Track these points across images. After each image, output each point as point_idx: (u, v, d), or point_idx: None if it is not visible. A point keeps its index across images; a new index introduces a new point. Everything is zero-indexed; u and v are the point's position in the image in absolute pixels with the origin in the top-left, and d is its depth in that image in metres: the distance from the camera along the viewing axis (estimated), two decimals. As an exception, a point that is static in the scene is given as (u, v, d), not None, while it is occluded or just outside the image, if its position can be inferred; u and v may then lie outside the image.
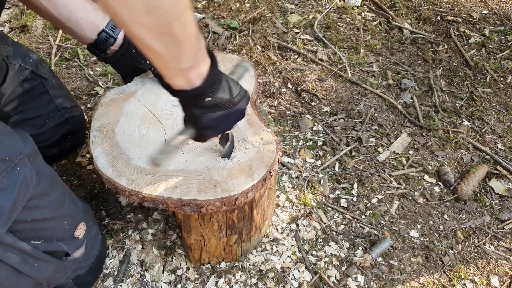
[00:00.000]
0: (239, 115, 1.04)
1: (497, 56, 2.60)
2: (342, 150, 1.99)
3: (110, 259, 1.53)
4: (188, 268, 1.53)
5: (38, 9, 1.27)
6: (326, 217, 1.73)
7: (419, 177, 1.91)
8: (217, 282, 1.50)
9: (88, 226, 1.29)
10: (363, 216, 1.75)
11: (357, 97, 2.28)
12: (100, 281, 1.48)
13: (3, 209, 0.95)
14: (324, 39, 2.62)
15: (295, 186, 1.83)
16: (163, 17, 0.72)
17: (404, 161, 1.98)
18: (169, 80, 0.89)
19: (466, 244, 1.69)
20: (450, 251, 1.66)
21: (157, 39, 0.76)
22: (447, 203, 1.83)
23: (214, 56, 0.92)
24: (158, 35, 0.76)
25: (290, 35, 2.64)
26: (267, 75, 2.36)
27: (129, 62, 1.40)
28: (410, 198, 1.83)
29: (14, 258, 1.02)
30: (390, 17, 2.83)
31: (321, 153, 1.98)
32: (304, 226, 1.69)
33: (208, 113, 0.97)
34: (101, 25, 1.31)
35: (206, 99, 0.94)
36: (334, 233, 1.68)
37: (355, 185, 1.86)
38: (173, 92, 0.93)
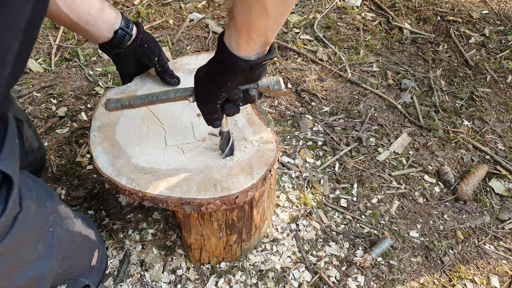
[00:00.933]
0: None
1: (497, 56, 2.60)
2: (342, 150, 1.99)
3: (110, 259, 1.53)
4: (188, 268, 1.53)
5: (56, 16, 1.24)
6: (326, 217, 1.73)
7: (419, 177, 1.91)
8: (217, 282, 1.50)
9: (100, 250, 1.30)
10: (363, 216, 1.75)
11: (357, 97, 2.28)
12: (100, 281, 1.48)
13: (44, 276, 0.95)
14: (324, 39, 2.62)
15: (295, 186, 1.83)
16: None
17: (404, 161, 1.98)
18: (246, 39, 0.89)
19: (466, 244, 1.69)
20: (450, 251, 1.66)
21: (278, 22, 0.85)
22: (447, 203, 1.82)
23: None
24: (282, 17, 0.84)
25: (290, 35, 2.65)
26: (267, 75, 2.36)
27: (138, 57, 1.39)
28: (410, 198, 1.83)
29: None
30: (390, 17, 2.83)
31: (321, 153, 1.98)
32: (304, 226, 1.69)
33: (248, 83, 1.00)
34: (116, 23, 1.30)
35: (260, 69, 0.96)
36: (334, 233, 1.68)
37: (355, 185, 1.85)
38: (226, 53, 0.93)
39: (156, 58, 1.38)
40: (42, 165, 1.57)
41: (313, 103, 2.23)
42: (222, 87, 0.99)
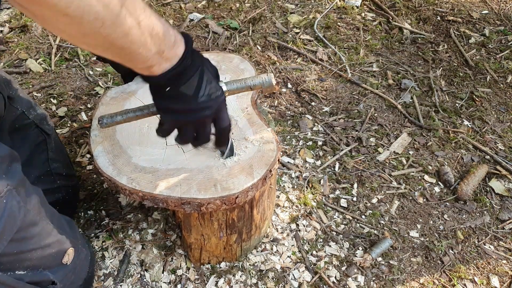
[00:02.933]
0: (201, 116, 0.97)
1: (497, 56, 2.61)
2: (342, 150, 1.99)
3: (110, 259, 1.53)
4: (188, 268, 1.53)
5: None
6: (326, 217, 1.73)
7: (419, 177, 1.91)
8: (217, 282, 1.50)
9: (77, 250, 1.24)
10: (363, 216, 1.75)
11: (357, 97, 2.28)
12: (100, 281, 1.47)
13: None
14: (324, 39, 2.62)
15: (295, 186, 1.83)
16: (104, 39, 0.73)
17: (404, 161, 1.98)
18: (133, 69, 0.88)
19: (466, 244, 1.69)
20: (450, 251, 1.66)
21: (105, 52, 0.78)
22: (447, 203, 1.82)
23: (189, 48, 0.89)
24: (104, 50, 0.77)
25: (290, 35, 2.65)
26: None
27: None
28: (410, 198, 1.83)
29: None
30: (390, 17, 2.83)
31: (321, 153, 1.98)
32: (304, 226, 1.69)
33: (165, 100, 0.95)
34: None
35: (167, 89, 0.92)
36: (334, 233, 1.68)
37: (355, 185, 1.85)
38: (141, 76, 0.93)
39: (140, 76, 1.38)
40: (75, 196, 1.59)
41: (313, 103, 2.23)
42: None
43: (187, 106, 0.95)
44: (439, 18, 2.89)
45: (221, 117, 1.03)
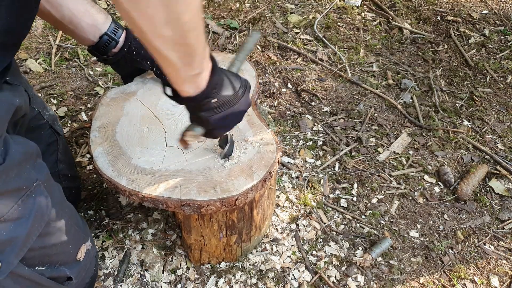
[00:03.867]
0: (245, 106, 1.04)
1: (497, 56, 2.60)
2: (342, 150, 1.99)
3: (110, 259, 1.53)
4: (188, 268, 1.53)
5: (40, 12, 1.26)
6: (326, 217, 1.73)
7: (419, 177, 1.91)
8: (217, 282, 1.50)
9: (88, 247, 1.26)
10: (363, 216, 1.75)
11: (357, 97, 2.28)
12: (100, 281, 1.48)
13: (17, 240, 0.93)
14: (324, 39, 2.62)
15: (295, 186, 1.83)
16: (181, 28, 0.73)
17: (404, 161, 1.98)
18: (178, 86, 0.90)
19: (466, 244, 1.69)
20: (450, 251, 1.66)
21: (173, 49, 0.78)
22: (447, 203, 1.83)
23: (213, 57, 0.93)
24: (175, 45, 0.77)
25: (290, 35, 2.64)
26: (267, 75, 2.37)
27: (129, 64, 1.40)
28: (410, 198, 1.83)
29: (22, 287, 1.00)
30: (390, 17, 2.83)
31: (321, 153, 1.98)
32: (304, 226, 1.69)
33: (215, 114, 0.98)
34: (103, 28, 1.30)
35: (212, 101, 0.95)
36: (334, 233, 1.68)
37: (355, 185, 1.86)
38: (180, 99, 0.94)
39: (149, 63, 1.38)
40: (77, 198, 1.60)
41: (313, 103, 2.23)
42: None
43: (233, 106, 0.99)
44: (439, 18, 2.89)
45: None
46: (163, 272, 1.51)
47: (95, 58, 2.34)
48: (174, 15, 0.70)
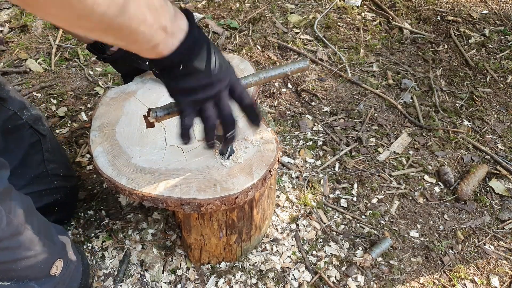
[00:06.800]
0: (220, 88, 0.93)
1: (497, 56, 2.60)
2: (342, 150, 1.99)
3: (110, 259, 1.53)
4: (188, 268, 1.53)
5: None
6: (326, 217, 1.73)
7: (419, 177, 1.91)
8: (217, 282, 1.50)
9: (66, 262, 1.22)
10: (363, 216, 1.75)
11: (357, 97, 2.28)
12: (100, 281, 1.47)
13: None
14: (324, 39, 2.62)
15: (295, 186, 1.83)
16: (100, 20, 0.66)
17: (404, 161, 1.98)
18: (142, 55, 0.83)
19: (466, 244, 1.69)
20: (450, 251, 1.66)
21: (104, 35, 0.72)
22: (447, 203, 1.82)
23: (191, 20, 0.85)
24: (102, 33, 0.71)
25: (290, 35, 2.64)
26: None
27: (128, 63, 1.40)
28: (410, 198, 1.83)
29: None
30: (390, 17, 2.83)
31: (321, 153, 1.98)
32: (304, 226, 1.69)
33: (182, 83, 0.89)
34: None
35: (180, 68, 0.86)
36: (334, 233, 1.68)
37: (355, 185, 1.85)
38: (149, 62, 0.88)
39: (147, 63, 1.38)
40: (73, 197, 1.59)
41: (313, 103, 2.23)
42: None
43: (203, 80, 0.89)
44: (439, 18, 2.89)
45: (240, 93, 0.98)
46: (163, 272, 1.51)
47: (95, 58, 2.35)
48: (83, 11, 0.64)
